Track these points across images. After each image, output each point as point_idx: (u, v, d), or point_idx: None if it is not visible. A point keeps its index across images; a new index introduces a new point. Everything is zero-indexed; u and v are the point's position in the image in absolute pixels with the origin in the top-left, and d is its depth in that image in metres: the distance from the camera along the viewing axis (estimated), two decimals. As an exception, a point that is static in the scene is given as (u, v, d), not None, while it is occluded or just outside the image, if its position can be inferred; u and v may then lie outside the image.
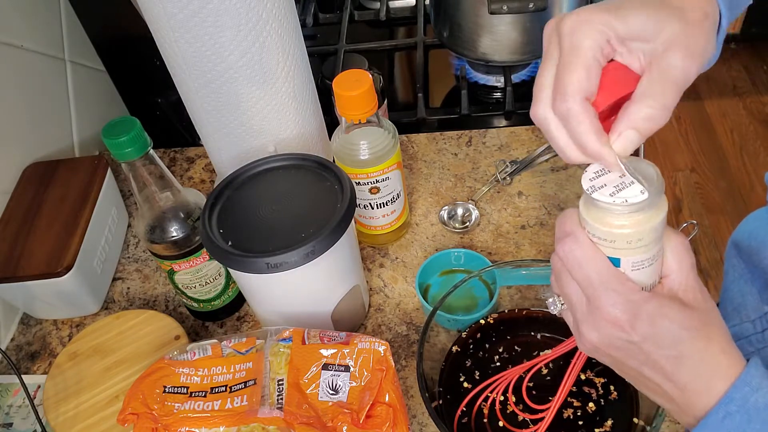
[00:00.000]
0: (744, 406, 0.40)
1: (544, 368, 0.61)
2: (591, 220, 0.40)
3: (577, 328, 0.44)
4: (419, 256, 0.78)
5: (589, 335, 0.42)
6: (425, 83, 1.02)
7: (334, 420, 0.54)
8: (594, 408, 0.58)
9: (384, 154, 0.69)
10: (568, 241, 0.41)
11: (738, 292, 0.70)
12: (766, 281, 0.66)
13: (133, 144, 0.58)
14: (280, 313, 0.64)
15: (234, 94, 0.66)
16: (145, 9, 0.61)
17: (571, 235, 0.41)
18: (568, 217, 0.43)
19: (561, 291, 0.44)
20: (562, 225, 0.43)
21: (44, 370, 0.74)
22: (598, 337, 0.42)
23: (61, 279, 0.71)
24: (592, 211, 0.40)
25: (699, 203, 2.09)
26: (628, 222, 0.39)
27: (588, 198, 0.40)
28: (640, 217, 0.39)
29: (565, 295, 0.44)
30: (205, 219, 0.60)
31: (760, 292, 0.67)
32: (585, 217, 0.41)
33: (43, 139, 0.87)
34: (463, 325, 0.66)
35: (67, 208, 0.76)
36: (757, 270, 0.66)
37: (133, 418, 0.56)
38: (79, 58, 0.94)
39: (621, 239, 0.40)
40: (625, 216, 0.39)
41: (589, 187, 0.40)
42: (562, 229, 0.43)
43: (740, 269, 0.71)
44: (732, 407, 0.40)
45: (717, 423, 0.41)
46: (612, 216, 0.39)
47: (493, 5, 0.85)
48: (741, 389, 0.41)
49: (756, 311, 0.66)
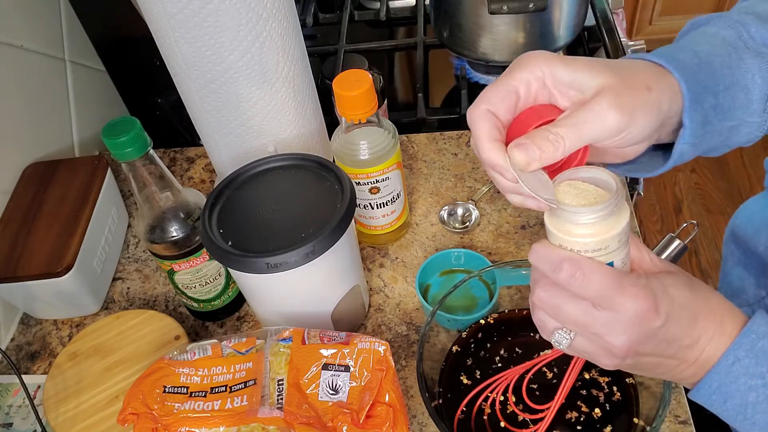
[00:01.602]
0: (752, 350, 0.42)
1: (545, 368, 0.61)
2: (582, 237, 0.41)
3: (600, 346, 0.43)
4: (419, 256, 0.78)
5: (619, 341, 0.41)
6: (425, 83, 1.02)
7: (334, 420, 0.54)
8: (600, 414, 0.58)
9: (384, 154, 0.69)
10: (566, 267, 0.41)
11: (736, 278, 0.71)
12: (762, 267, 0.66)
13: (133, 144, 0.58)
14: (280, 313, 0.64)
15: (234, 94, 0.66)
16: (145, 9, 0.61)
17: (565, 261, 0.41)
18: (547, 250, 0.42)
19: (564, 321, 0.43)
20: (545, 259, 0.42)
21: (44, 370, 0.74)
22: (628, 339, 0.41)
23: (61, 279, 0.71)
24: (578, 229, 0.41)
25: (699, 203, 2.09)
26: (617, 222, 0.41)
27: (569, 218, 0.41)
28: (623, 212, 0.41)
29: (571, 323, 0.43)
30: (205, 219, 0.60)
31: (756, 277, 0.67)
32: (572, 238, 0.41)
33: (43, 139, 0.87)
34: (463, 325, 0.66)
35: (67, 208, 0.76)
36: (753, 256, 0.67)
37: (133, 418, 0.56)
38: (79, 58, 0.94)
39: (614, 240, 0.41)
40: (615, 215, 0.41)
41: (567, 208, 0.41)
42: (549, 261, 0.42)
43: (737, 255, 0.71)
44: (740, 352, 0.42)
45: (726, 368, 0.43)
46: (603, 224, 0.41)
47: (493, 5, 0.85)
48: (748, 336, 0.43)
49: (754, 296, 0.67)
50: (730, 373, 0.43)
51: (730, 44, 0.47)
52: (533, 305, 0.45)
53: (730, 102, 0.46)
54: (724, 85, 0.45)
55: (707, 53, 0.46)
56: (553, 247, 0.42)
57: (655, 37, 2.44)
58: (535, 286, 0.44)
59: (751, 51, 0.47)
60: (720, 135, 0.47)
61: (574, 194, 0.42)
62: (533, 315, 0.46)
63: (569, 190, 0.42)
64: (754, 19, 0.47)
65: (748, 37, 0.47)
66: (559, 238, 0.42)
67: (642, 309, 0.40)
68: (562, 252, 0.42)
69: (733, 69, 0.46)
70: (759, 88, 0.46)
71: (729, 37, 0.47)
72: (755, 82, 0.46)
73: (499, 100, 0.42)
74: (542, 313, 0.45)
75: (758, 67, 0.46)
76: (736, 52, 0.46)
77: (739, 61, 0.46)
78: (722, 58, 0.46)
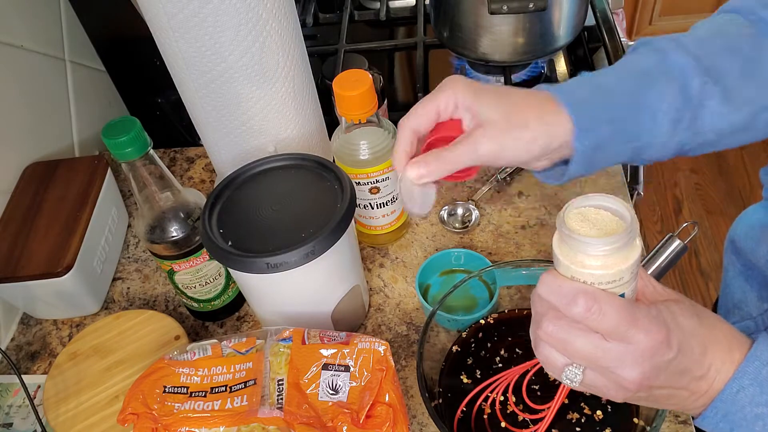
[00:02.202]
0: (756, 378, 0.42)
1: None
2: (596, 269, 0.40)
3: (611, 380, 0.42)
4: (419, 256, 0.78)
5: (633, 374, 0.41)
6: (425, 83, 1.02)
7: (334, 420, 0.54)
8: (600, 414, 0.58)
9: (384, 154, 0.69)
10: (582, 301, 0.40)
11: (738, 289, 0.71)
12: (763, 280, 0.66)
13: (133, 144, 0.58)
14: (280, 313, 0.64)
15: (234, 94, 0.66)
16: (145, 9, 0.61)
17: (580, 294, 0.40)
18: (559, 282, 0.41)
19: (573, 355, 0.42)
20: (557, 292, 0.41)
21: (44, 370, 0.74)
22: (641, 372, 0.40)
23: (61, 279, 0.71)
24: (592, 260, 0.40)
25: (699, 204, 2.09)
26: (632, 253, 0.40)
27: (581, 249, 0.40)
28: (636, 242, 0.40)
29: (581, 358, 0.42)
30: (205, 219, 0.60)
31: (758, 290, 0.67)
32: (586, 270, 0.40)
33: (43, 139, 0.87)
34: (463, 325, 0.66)
35: (67, 208, 0.76)
36: (754, 268, 0.67)
37: (133, 418, 0.56)
38: (79, 58, 0.94)
39: (627, 272, 0.40)
40: (629, 247, 0.40)
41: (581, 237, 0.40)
42: (561, 295, 0.41)
43: (738, 267, 0.71)
44: (745, 381, 0.42)
45: (731, 396, 0.42)
46: (618, 256, 0.40)
47: (493, 5, 0.85)
48: (752, 363, 0.42)
49: (756, 309, 0.67)
50: (735, 402, 0.42)
51: (645, 72, 0.51)
52: (538, 339, 0.44)
53: (633, 127, 0.50)
54: (623, 113, 0.50)
55: (611, 84, 0.51)
56: (565, 279, 0.41)
57: (655, 37, 2.45)
58: (541, 319, 0.42)
59: (667, 76, 0.50)
60: (625, 154, 0.51)
61: (586, 223, 0.41)
62: (537, 351, 0.44)
63: (580, 219, 0.41)
64: (677, 46, 0.51)
65: (667, 64, 0.50)
66: (570, 269, 0.40)
67: (655, 342, 0.40)
68: (576, 285, 0.40)
69: (639, 96, 0.50)
70: (664, 114, 0.50)
71: (648, 64, 0.52)
72: (660, 108, 0.50)
73: (422, 115, 0.51)
74: (549, 349, 0.43)
75: (669, 92, 0.49)
76: (650, 78, 0.50)
77: (648, 89, 0.50)
78: (630, 87, 0.51)
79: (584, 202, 0.42)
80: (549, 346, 0.43)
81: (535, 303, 0.43)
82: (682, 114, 0.49)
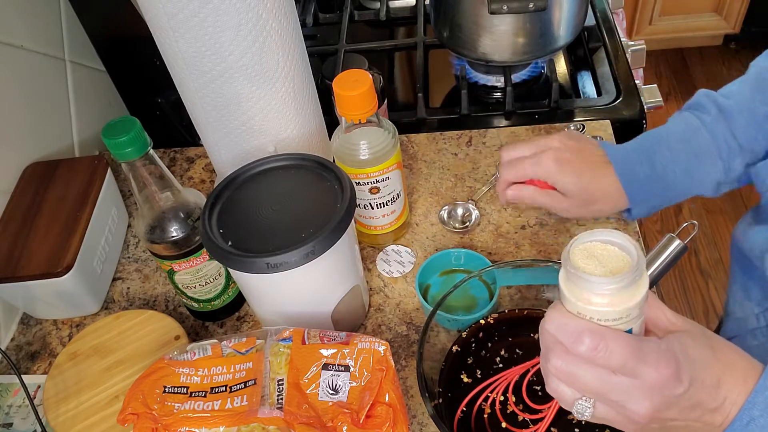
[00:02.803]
0: (767, 409, 0.41)
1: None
2: (601, 307, 0.40)
3: (621, 414, 0.42)
4: (419, 256, 0.78)
5: (641, 408, 0.41)
6: (425, 83, 1.02)
7: (334, 420, 0.54)
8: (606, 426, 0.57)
9: (384, 154, 0.69)
10: (588, 340, 0.40)
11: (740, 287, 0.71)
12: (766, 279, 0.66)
13: (133, 144, 0.58)
14: (280, 313, 0.64)
15: (234, 94, 0.66)
16: (145, 9, 0.61)
17: (586, 333, 0.40)
18: (565, 320, 0.41)
19: (581, 389, 0.42)
20: (563, 329, 0.41)
21: (44, 370, 0.74)
22: (650, 405, 0.40)
23: (61, 279, 0.71)
24: (598, 298, 0.40)
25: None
26: (639, 290, 0.40)
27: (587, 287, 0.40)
28: (643, 279, 0.40)
29: (589, 392, 0.42)
30: (205, 219, 0.60)
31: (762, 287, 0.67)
32: (592, 307, 0.40)
33: (43, 139, 0.87)
34: (463, 325, 0.66)
35: (67, 208, 0.76)
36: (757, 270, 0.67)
37: (133, 418, 0.56)
38: (79, 58, 0.94)
39: (634, 309, 0.40)
40: (636, 284, 0.39)
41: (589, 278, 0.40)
42: (567, 333, 0.41)
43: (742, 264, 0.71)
44: (755, 412, 0.41)
45: (741, 428, 0.41)
46: (625, 293, 0.39)
47: (493, 5, 0.85)
48: (762, 393, 0.42)
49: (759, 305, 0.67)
50: None
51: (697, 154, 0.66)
52: (548, 373, 0.44)
53: (681, 196, 0.68)
54: (674, 193, 0.68)
55: (665, 164, 0.66)
56: (571, 316, 0.41)
57: (655, 37, 2.45)
58: (549, 353, 0.42)
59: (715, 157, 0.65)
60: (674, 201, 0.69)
61: (592, 260, 0.41)
62: (547, 384, 0.44)
63: (586, 255, 0.41)
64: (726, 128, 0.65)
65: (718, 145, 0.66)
66: (576, 305, 0.40)
67: (663, 376, 0.40)
68: (582, 323, 0.40)
69: (690, 177, 0.67)
70: (708, 184, 0.67)
71: (700, 145, 0.66)
72: (707, 181, 0.67)
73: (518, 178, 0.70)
74: (557, 382, 0.43)
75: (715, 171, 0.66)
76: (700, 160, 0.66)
77: (698, 169, 0.66)
78: (682, 168, 0.66)
79: (590, 237, 0.42)
80: (558, 380, 0.43)
81: (543, 337, 0.43)
82: (723, 183, 0.67)
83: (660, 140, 0.67)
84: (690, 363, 0.41)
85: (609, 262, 0.41)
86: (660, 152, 0.66)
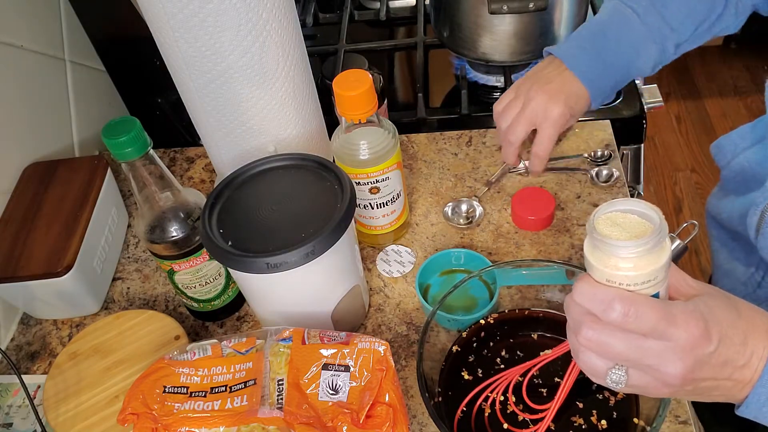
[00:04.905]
0: None
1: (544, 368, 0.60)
2: (629, 271, 0.40)
3: (655, 377, 0.42)
4: (419, 256, 0.78)
5: (676, 370, 0.41)
6: (425, 83, 1.02)
7: (334, 420, 0.54)
8: (606, 426, 0.57)
9: (384, 154, 0.69)
10: (618, 306, 0.40)
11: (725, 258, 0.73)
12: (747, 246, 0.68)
13: (133, 144, 0.58)
14: (280, 313, 0.64)
15: (234, 94, 0.66)
16: (145, 9, 0.61)
17: (616, 299, 0.40)
18: (594, 289, 0.42)
19: (615, 357, 0.43)
20: (593, 298, 0.41)
21: (44, 370, 0.74)
22: (684, 366, 0.41)
23: (61, 279, 0.71)
24: (625, 263, 0.40)
25: (699, 203, 2.09)
26: (663, 253, 0.41)
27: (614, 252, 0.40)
28: (667, 241, 0.41)
29: (623, 359, 0.42)
30: (205, 219, 0.60)
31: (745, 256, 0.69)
32: (619, 272, 0.41)
33: (43, 139, 0.87)
34: (463, 325, 0.66)
35: (67, 208, 0.76)
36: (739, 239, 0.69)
37: (133, 418, 0.56)
38: (79, 58, 0.94)
39: (661, 271, 0.41)
40: (660, 247, 0.40)
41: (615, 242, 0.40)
42: (598, 301, 0.41)
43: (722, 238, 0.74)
44: None
45: None
46: (650, 256, 0.40)
47: (493, 5, 0.85)
48: None
49: (744, 273, 0.68)
50: None
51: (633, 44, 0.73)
52: (578, 346, 0.44)
53: (623, 79, 0.75)
54: (617, 77, 0.74)
55: (611, 58, 0.73)
56: (600, 286, 0.42)
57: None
58: (579, 326, 0.43)
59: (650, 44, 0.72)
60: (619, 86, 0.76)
61: (615, 227, 0.42)
62: (578, 358, 0.45)
63: (609, 224, 0.42)
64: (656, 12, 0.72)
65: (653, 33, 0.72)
66: (604, 273, 0.41)
67: (694, 336, 0.40)
68: (611, 290, 0.41)
69: (631, 67, 0.73)
70: (648, 66, 0.74)
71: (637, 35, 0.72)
72: (647, 67, 0.74)
73: None
74: (590, 354, 0.43)
75: (652, 56, 0.73)
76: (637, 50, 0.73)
77: (637, 58, 0.73)
78: (625, 60, 0.73)
79: (611, 207, 0.42)
80: (590, 351, 0.43)
81: (571, 310, 0.44)
82: (658, 63, 0.74)
83: (600, 34, 0.74)
84: (717, 322, 0.41)
85: (632, 229, 0.41)
86: (606, 47, 0.73)
